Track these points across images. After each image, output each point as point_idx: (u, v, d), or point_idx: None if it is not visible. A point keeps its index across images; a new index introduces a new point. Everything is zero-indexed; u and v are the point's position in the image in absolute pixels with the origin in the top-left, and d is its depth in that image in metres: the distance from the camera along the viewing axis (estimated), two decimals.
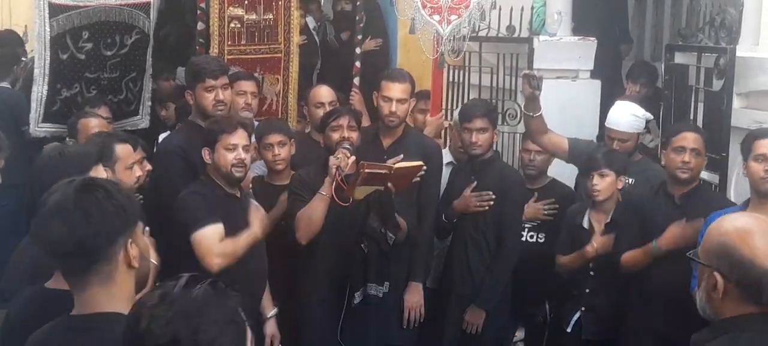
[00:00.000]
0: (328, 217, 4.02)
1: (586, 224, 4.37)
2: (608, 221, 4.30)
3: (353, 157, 3.99)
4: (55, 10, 4.91)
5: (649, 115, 4.70)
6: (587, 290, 4.34)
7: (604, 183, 4.24)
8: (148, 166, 4.07)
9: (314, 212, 4.01)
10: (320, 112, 4.84)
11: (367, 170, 3.92)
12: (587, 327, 4.33)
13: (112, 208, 1.98)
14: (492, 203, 4.42)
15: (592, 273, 4.30)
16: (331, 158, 3.99)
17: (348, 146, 4.05)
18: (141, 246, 2.06)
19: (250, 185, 4.40)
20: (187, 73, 4.52)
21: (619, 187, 4.30)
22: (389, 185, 4.05)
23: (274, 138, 4.44)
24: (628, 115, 4.58)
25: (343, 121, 4.17)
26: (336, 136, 4.15)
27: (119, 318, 1.91)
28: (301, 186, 4.19)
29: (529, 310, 4.91)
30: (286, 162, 4.46)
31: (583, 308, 4.35)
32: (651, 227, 4.05)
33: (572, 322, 4.37)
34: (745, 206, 3.73)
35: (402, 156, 4.24)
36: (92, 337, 1.97)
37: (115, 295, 2.00)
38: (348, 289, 4.24)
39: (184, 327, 1.61)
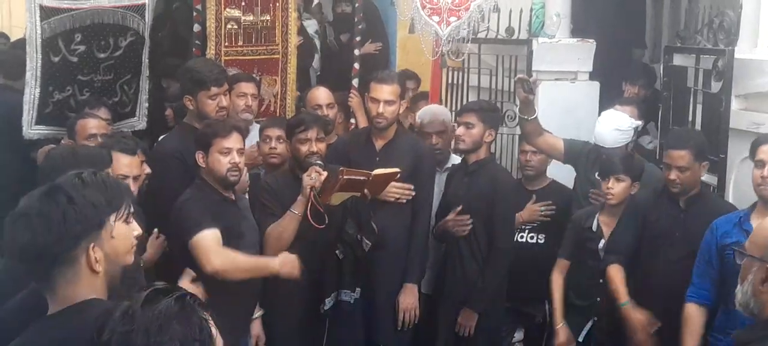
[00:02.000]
0: (301, 224, 3.99)
1: (594, 227, 4.36)
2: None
3: (325, 173, 3.96)
4: (46, 13, 4.88)
5: (637, 123, 4.68)
6: (598, 299, 4.32)
7: (619, 188, 4.23)
8: (147, 169, 4.05)
9: (285, 230, 3.99)
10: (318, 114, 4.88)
11: (346, 177, 3.92)
12: (599, 337, 4.32)
13: (74, 213, 1.98)
14: (470, 226, 4.40)
15: (602, 281, 4.25)
16: (305, 177, 3.96)
17: (319, 162, 4.02)
18: (106, 250, 2.04)
19: (247, 188, 4.36)
20: (187, 78, 4.46)
21: (633, 192, 4.29)
22: (365, 191, 4.04)
23: (274, 132, 4.46)
24: (611, 131, 4.55)
25: (312, 134, 4.14)
26: (304, 149, 4.13)
27: (90, 303, 1.95)
28: (269, 196, 4.15)
29: (528, 311, 4.91)
30: (281, 158, 4.46)
31: (595, 318, 4.34)
32: (653, 230, 4.04)
33: (584, 332, 4.36)
34: (751, 210, 3.72)
35: (399, 171, 4.25)
36: (65, 328, 1.98)
37: (82, 291, 2.01)
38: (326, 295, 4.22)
39: (143, 342, 1.59)
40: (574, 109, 5.59)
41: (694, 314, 3.73)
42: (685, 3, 6.69)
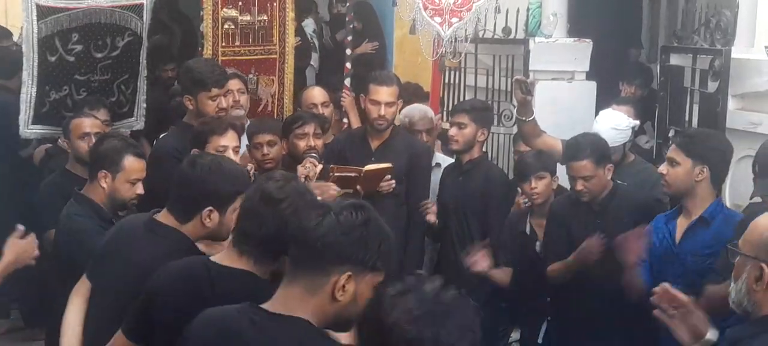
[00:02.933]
0: None
1: (528, 230, 4.36)
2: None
3: (320, 166, 3.98)
4: (43, 12, 4.87)
5: (634, 123, 4.67)
6: (548, 299, 4.33)
7: (541, 185, 4.22)
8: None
9: None
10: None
11: (337, 174, 3.93)
12: (554, 335, 4.32)
13: (361, 236, 2.00)
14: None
15: (550, 282, 4.25)
16: (299, 168, 3.98)
17: (315, 155, 4.04)
18: (360, 291, 2.02)
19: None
20: (187, 78, 4.45)
21: (554, 187, 4.30)
22: (358, 187, 4.04)
23: (264, 138, 4.41)
24: (609, 129, 4.52)
25: (309, 129, 4.16)
26: (302, 144, 4.13)
27: (301, 323, 1.98)
28: None
29: (524, 310, 4.91)
30: (276, 162, 4.44)
31: (548, 318, 4.34)
32: (575, 233, 4.00)
33: (541, 333, 4.36)
34: (678, 211, 3.69)
35: (391, 167, 4.24)
36: (272, 333, 2.01)
37: (310, 306, 2.01)
38: None
39: (430, 326, 1.71)
40: (571, 108, 5.59)
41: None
42: (682, 3, 6.70)
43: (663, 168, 3.66)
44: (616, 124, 4.55)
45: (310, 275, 2.01)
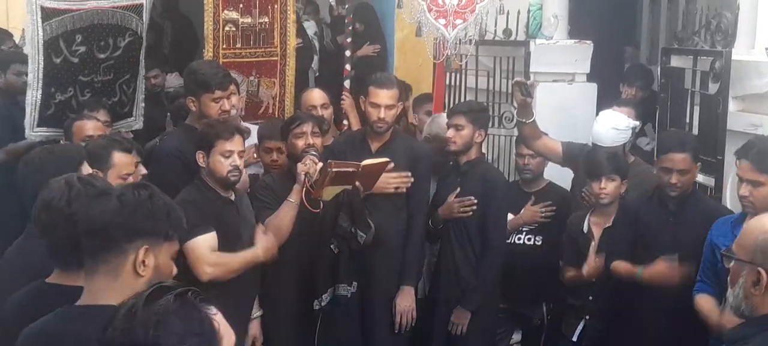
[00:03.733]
0: (295, 221, 4.02)
1: (585, 229, 4.37)
2: (609, 225, 4.29)
3: (320, 163, 3.99)
4: (47, 14, 4.88)
5: (635, 123, 4.68)
6: (590, 298, 4.33)
7: (610, 187, 4.24)
8: (143, 171, 4.05)
9: (282, 220, 4.01)
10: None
11: (334, 169, 3.94)
12: (591, 335, 4.32)
13: (147, 210, 2.08)
14: (475, 207, 4.42)
15: (593, 280, 4.27)
16: (299, 165, 4.00)
17: (314, 152, 4.06)
18: (160, 262, 2.11)
19: (248, 187, 4.38)
20: (191, 79, 4.44)
21: (622, 191, 4.31)
22: (357, 183, 4.06)
23: (275, 144, 4.46)
24: (609, 129, 4.55)
25: (307, 128, 4.18)
26: (300, 143, 4.15)
27: (110, 310, 1.93)
28: (266, 192, 4.19)
29: (525, 312, 4.92)
30: (283, 167, 4.47)
31: (587, 317, 4.34)
32: (645, 233, 4.03)
33: (578, 332, 4.36)
34: (741, 215, 3.68)
35: (390, 162, 4.25)
36: (81, 324, 2.03)
37: (117, 291, 2.03)
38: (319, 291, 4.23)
39: (142, 337, 1.62)
40: (572, 110, 5.59)
41: (706, 299, 3.62)
42: (683, 4, 6.69)
43: (745, 190, 3.54)
44: (615, 124, 4.56)
45: (108, 261, 2.07)
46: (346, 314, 4.34)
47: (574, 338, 4.38)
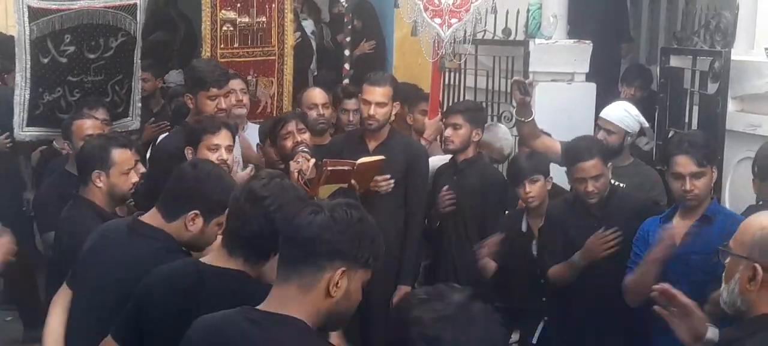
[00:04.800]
0: None
1: (525, 229, 4.37)
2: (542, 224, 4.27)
3: (313, 160, 3.99)
4: (34, 14, 4.87)
5: (644, 121, 4.68)
6: (544, 299, 4.32)
7: (535, 188, 4.24)
8: (142, 169, 4.04)
9: None
10: (313, 114, 4.93)
11: (330, 168, 3.94)
12: (552, 335, 4.30)
13: (356, 232, 2.03)
14: (454, 201, 4.43)
15: (543, 281, 4.24)
16: (292, 163, 4.01)
17: (306, 150, 4.05)
18: (351, 288, 2.06)
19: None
20: (189, 76, 4.51)
21: (548, 188, 4.31)
22: (353, 182, 4.06)
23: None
24: (620, 109, 4.56)
25: (291, 126, 4.21)
26: (289, 143, 4.17)
27: (297, 323, 1.99)
28: None
29: (521, 312, 4.90)
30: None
31: (545, 318, 4.33)
32: (574, 241, 3.97)
33: (538, 333, 4.35)
34: (673, 212, 3.67)
35: (382, 158, 4.26)
36: (266, 333, 2.01)
37: (305, 305, 2.02)
38: None
39: (449, 330, 1.72)
40: (571, 110, 5.59)
41: (630, 276, 3.62)
42: (682, 4, 6.70)
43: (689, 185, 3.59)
44: (627, 107, 4.58)
45: (304, 273, 2.02)
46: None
47: (534, 340, 4.37)
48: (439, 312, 1.74)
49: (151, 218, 2.88)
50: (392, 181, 4.40)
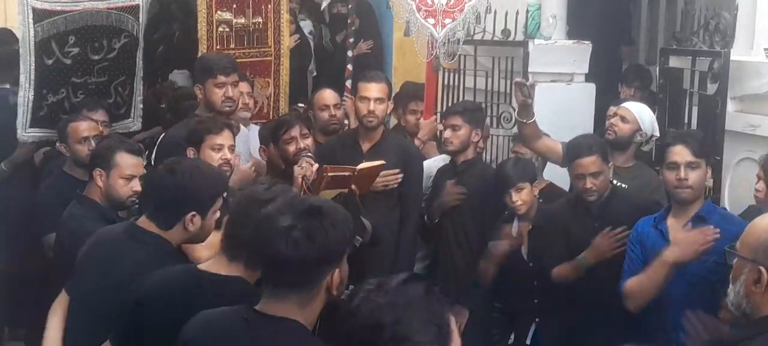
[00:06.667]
0: None
1: (515, 233, 4.36)
2: (530, 228, 4.28)
3: (316, 165, 3.99)
4: (39, 15, 4.87)
5: (657, 131, 4.68)
6: (536, 301, 4.32)
7: (522, 196, 4.24)
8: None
9: None
10: (325, 115, 4.96)
11: (330, 174, 3.94)
12: (544, 336, 4.31)
13: (335, 239, 2.09)
14: (464, 196, 4.45)
15: (535, 282, 4.27)
16: (296, 168, 3.99)
17: (309, 155, 4.06)
18: (343, 273, 2.15)
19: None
20: (197, 67, 4.61)
21: (536, 193, 4.31)
22: (353, 186, 4.06)
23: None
24: (641, 105, 4.63)
25: (295, 131, 4.20)
26: (292, 149, 4.17)
27: (294, 326, 2.05)
28: None
29: (519, 313, 4.89)
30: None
31: (537, 319, 4.33)
32: (573, 241, 3.99)
33: (530, 334, 4.35)
34: (666, 212, 3.67)
35: (383, 163, 4.25)
36: (263, 335, 2.05)
37: (303, 310, 2.10)
38: None
39: (389, 315, 1.75)
40: (570, 111, 5.58)
41: (631, 280, 3.60)
42: (681, 5, 6.68)
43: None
44: (647, 108, 4.64)
45: (305, 289, 2.09)
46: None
47: (528, 341, 4.38)
48: (377, 300, 1.79)
49: (149, 223, 2.87)
50: (400, 176, 4.41)
